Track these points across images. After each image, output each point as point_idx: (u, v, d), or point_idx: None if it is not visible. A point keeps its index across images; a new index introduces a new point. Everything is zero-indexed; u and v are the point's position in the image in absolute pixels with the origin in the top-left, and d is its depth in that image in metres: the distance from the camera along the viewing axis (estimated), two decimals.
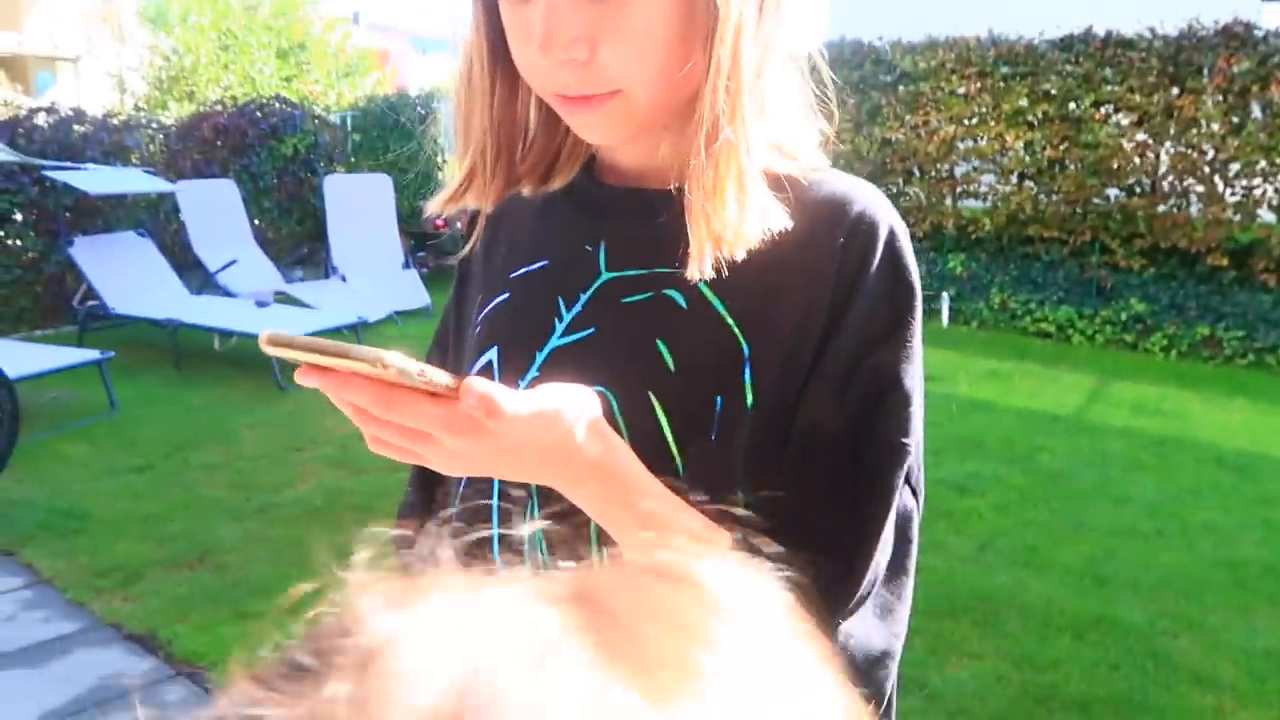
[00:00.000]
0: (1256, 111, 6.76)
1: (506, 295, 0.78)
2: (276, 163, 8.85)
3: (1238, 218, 6.88)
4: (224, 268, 7.10)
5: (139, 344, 6.41)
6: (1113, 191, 7.38)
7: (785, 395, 0.68)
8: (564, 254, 0.76)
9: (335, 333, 6.11)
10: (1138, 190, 7.32)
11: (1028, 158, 7.61)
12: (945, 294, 7.60)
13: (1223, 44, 6.80)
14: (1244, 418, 5.33)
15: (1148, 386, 5.90)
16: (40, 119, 7.96)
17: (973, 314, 7.51)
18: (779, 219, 0.67)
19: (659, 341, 0.69)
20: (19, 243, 7.19)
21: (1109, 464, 4.56)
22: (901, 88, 8.19)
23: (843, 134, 6.86)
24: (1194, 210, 7.09)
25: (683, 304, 0.69)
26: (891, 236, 0.71)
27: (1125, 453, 4.71)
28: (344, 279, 7.67)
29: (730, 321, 0.68)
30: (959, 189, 8.12)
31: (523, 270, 0.78)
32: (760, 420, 0.68)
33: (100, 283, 6.38)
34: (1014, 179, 7.80)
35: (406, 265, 8.09)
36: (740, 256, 0.65)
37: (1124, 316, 6.89)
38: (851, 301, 0.68)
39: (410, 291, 7.75)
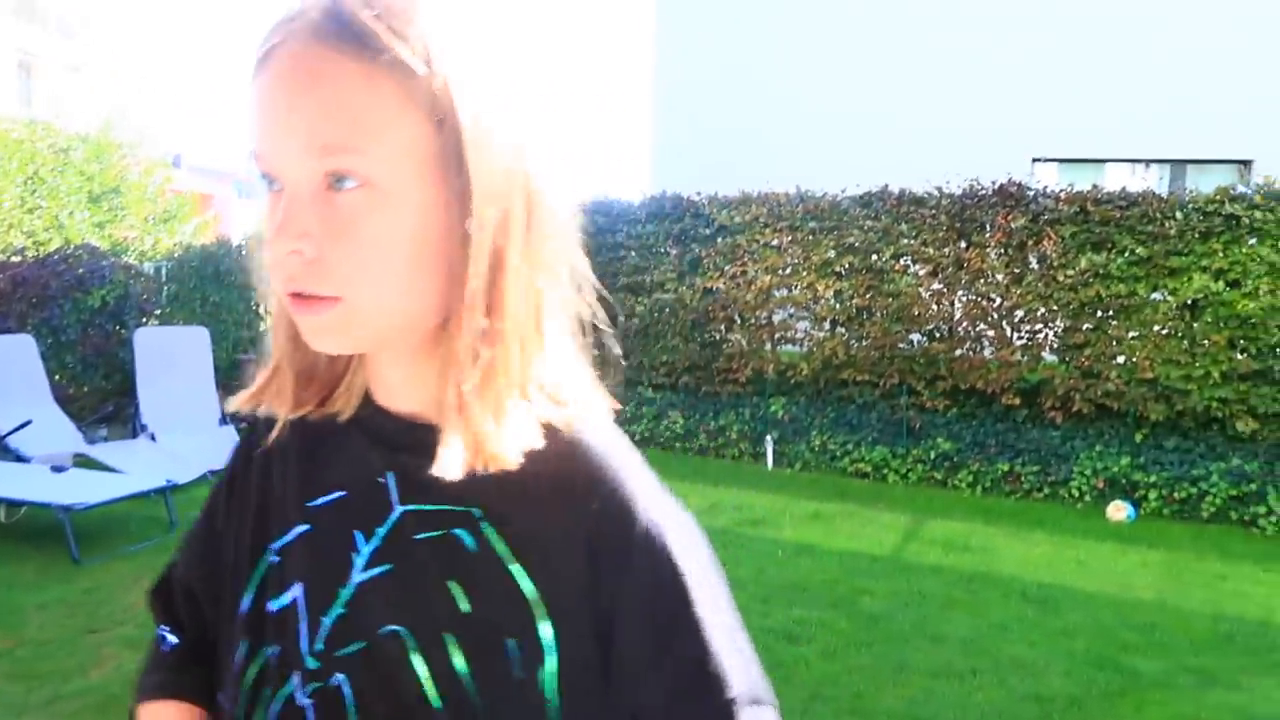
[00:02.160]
0: (1034, 263, 7.47)
1: (306, 528, 0.76)
2: (82, 315, 8.42)
3: (1025, 360, 7.49)
4: (15, 430, 6.59)
5: None
6: (915, 336, 7.92)
7: (585, 651, 0.68)
8: (359, 485, 0.75)
9: (142, 497, 5.74)
10: (937, 335, 7.88)
11: (838, 305, 8.10)
12: (769, 437, 7.86)
13: (1000, 202, 7.54)
14: (1044, 550, 5.68)
15: (957, 523, 6.23)
16: None
17: (795, 456, 7.79)
18: (536, 443, 0.68)
19: (450, 582, 0.69)
20: None
21: (925, 603, 4.75)
22: (720, 240, 8.63)
23: (667, 284, 7.16)
24: (987, 353, 7.69)
25: (470, 545, 0.69)
26: (649, 541, 0.68)
27: (940, 591, 4.92)
28: (154, 438, 7.25)
29: (512, 568, 0.68)
30: (777, 335, 8.52)
31: (320, 501, 0.76)
32: (565, 667, 0.67)
33: None
34: (826, 325, 8.27)
35: (223, 421, 7.74)
36: (494, 468, 0.66)
37: (933, 455, 7.30)
38: (618, 602, 0.68)
39: (226, 449, 7.32)
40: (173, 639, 0.87)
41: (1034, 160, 10.98)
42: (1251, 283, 6.65)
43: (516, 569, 0.68)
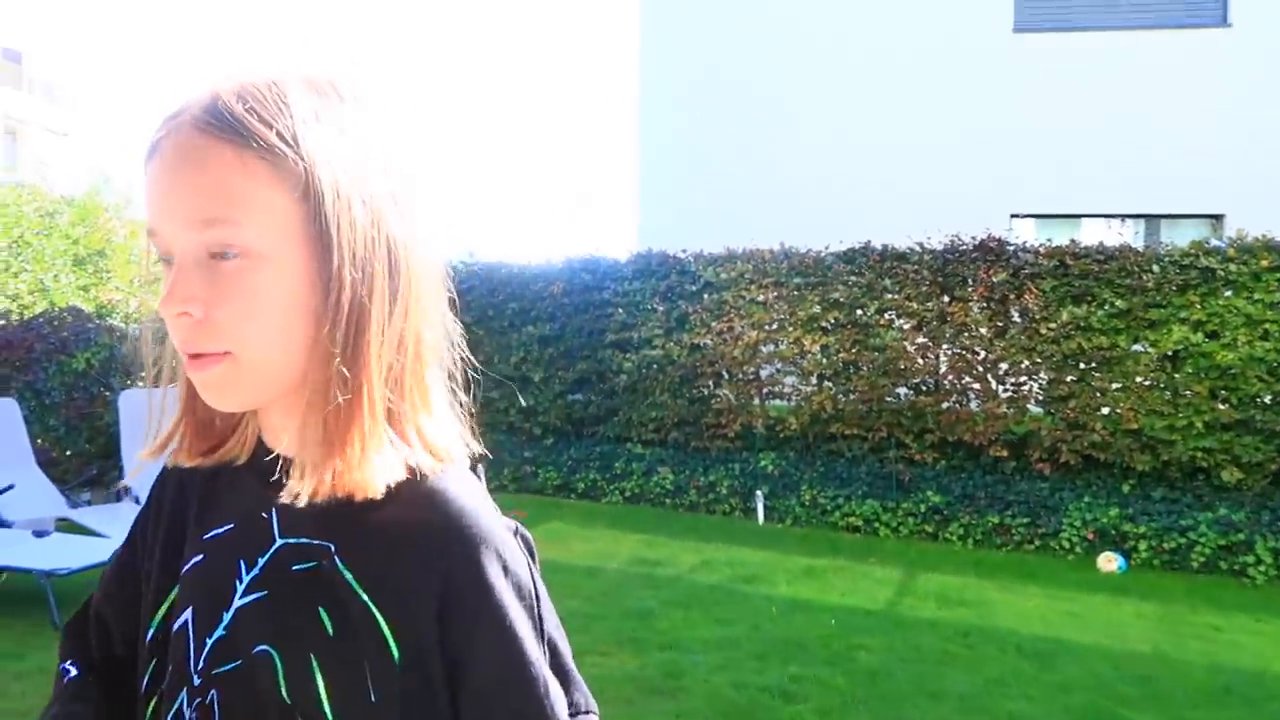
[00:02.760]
0: (1016, 316, 7.56)
1: (201, 557, 0.84)
2: (66, 378, 8.36)
3: (1011, 412, 7.54)
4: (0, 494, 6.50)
5: None
6: (902, 390, 7.97)
7: (429, 683, 0.75)
8: (245, 519, 0.83)
9: None
10: (924, 388, 7.93)
11: (824, 360, 8.15)
12: (759, 492, 7.85)
13: (981, 257, 7.64)
14: (1037, 604, 5.66)
15: (950, 576, 6.21)
16: None
17: (786, 511, 7.77)
18: (395, 480, 0.75)
19: (320, 609, 0.76)
20: None
21: (922, 658, 4.71)
22: (706, 296, 8.70)
23: (654, 340, 7.18)
24: (974, 406, 7.73)
25: (332, 576, 0.77)
26: (488, 582, 0.76)
27: (936, 645, 4.89)
28: (137, 501, 7.16)
29: (365, 599, 0.75)
30: (765, 390, 8.55)
31: (214, 533, 0.85)
32: (408, 684, 0.75)
33: None
34: (814, 380, 8.31)
35: None
36: (351, 496, 0.73)
37: (923, 508, 7.30)
38: (464, 658, 0.75)
39: None
40: (73, 670, 0.92)
41: (1012, 216, 11.17)
42: (1230, 334, 6.75)
43: (367, 600, 0.75)
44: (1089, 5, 11.55)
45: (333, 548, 0.77)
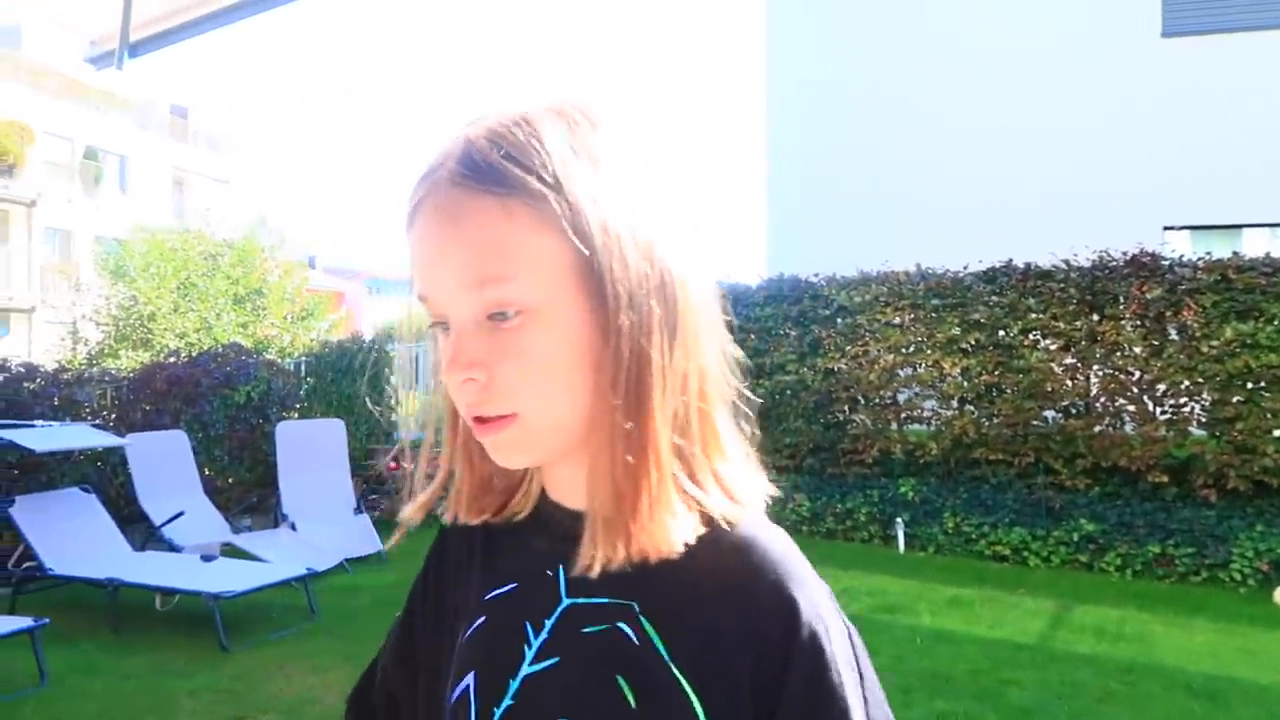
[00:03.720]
0: (1173, 334, 7.15)
1: (483, 619, 0.80)
2: (229, 410, 8.88)
3: (1171, 435, 7.12)
4: (169, 521, 6.95)
5: (77, 606, 6.15)
6: (1050, 413, 7.64)
7: None
8: (529, 578, 0.79)
9: (284, 585, 5.93)
10: (1074, 411, 7.58)
11: (965, 383, 7.90)
12: (899, 519, 7.64)
13: (1133, 273, 7.28)
14: (1206, 639, 5.30)
15: (1108, 609, 5.88)
16: None
17: (928, 539, 7.53)
18: (693, 537, 0.70)
19: (619, 677, 0.70)
20: None
21: (1079, 695, 4.47)
22: (840, 320, 8.57)
23: (788, 365, 7.14)
24: (1129, 429, 7.34)
25: (634, 640, 0.71)
26: (814, 643, 0.69)
27: (1094, 682, 4.63)
28: (294, 527, 7.52)
29: (674, 668, 0.69)
30: (903, 414, 8.34)
31: (495, 593, 0.80)
32: None
33: (39, 543, 6.18)
34: (954, 404, 8.06)
35: (358, 510, 7.98)
36: (650, 558, 0.68)
37: (1076, 537, 6.95)
38: (777, 709, 0.68)
39: (362, 538, 7.61)
40: None
41: (1165, 228, 10.61)
42: None
43: (676, 671, 0.69)
44: (1238, 5, 10.93)
45: (636, 606, 0.71)
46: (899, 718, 0.74)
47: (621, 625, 0.72)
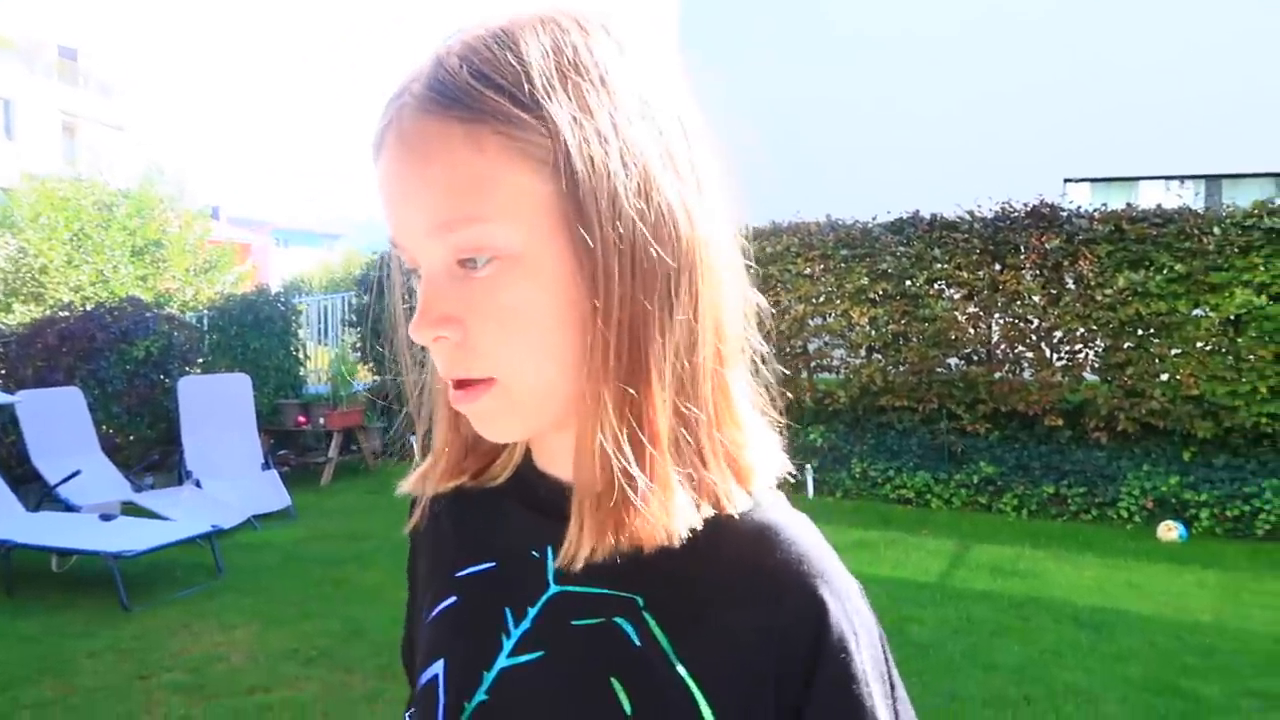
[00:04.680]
0: (1070, 283, 7.40)
1: (454, 599, 0.72)
2: (127, 366, 8.57)
3: (1066, 380, 7.40)
4: (65, 480, 6.71)
5: None
6: (953, 361, 7.86)
7: None
8: (511, 556, 0.69)
9: (189, 543, 5.80)
10: (975, 359, 7.81)
11: (873, 332, 8.06)
12: (808, 466, 7.81)
13: (1034, 224, 7.49)
14: (1094, 574, 5.58)
15: (1004, 547, 6.14)
16: None
17: (836, 484, 7.72)
18: (699, 522, 0.60)
19: (613, 679, 0.62)
20: None
21: (975, 630, 4.67)
22: (751, 270, 8.61)
23: None
24: (1027, 375, 7.60)
25: (634, 639, 0.62)
26: (843, 649, 0.61)
27: (989, 617, 4.84)
28: (198, 484, 7.34)
29: (681, 671, 0.61)
30: (813, 363, 8.49)
31: (469, 570, 0.71)
32: None
33: None
34: (863, 352, 8.23)
35: (266, 466, 7.82)
36: (634, 545, 0.59)
37: (976, 479, 7.21)
38: (803, 706, 0.61)
39: (270, 493, 7.47)
40: None
41: (1066, 180, 10.91)
42: None
43: (683, 672, 0.61)
44: None
45: (640, 601, 0.63)
46: None
47: (619, 620, 0.63)
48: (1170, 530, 6.35)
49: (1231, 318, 6.79)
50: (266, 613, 5.14)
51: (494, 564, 0.71)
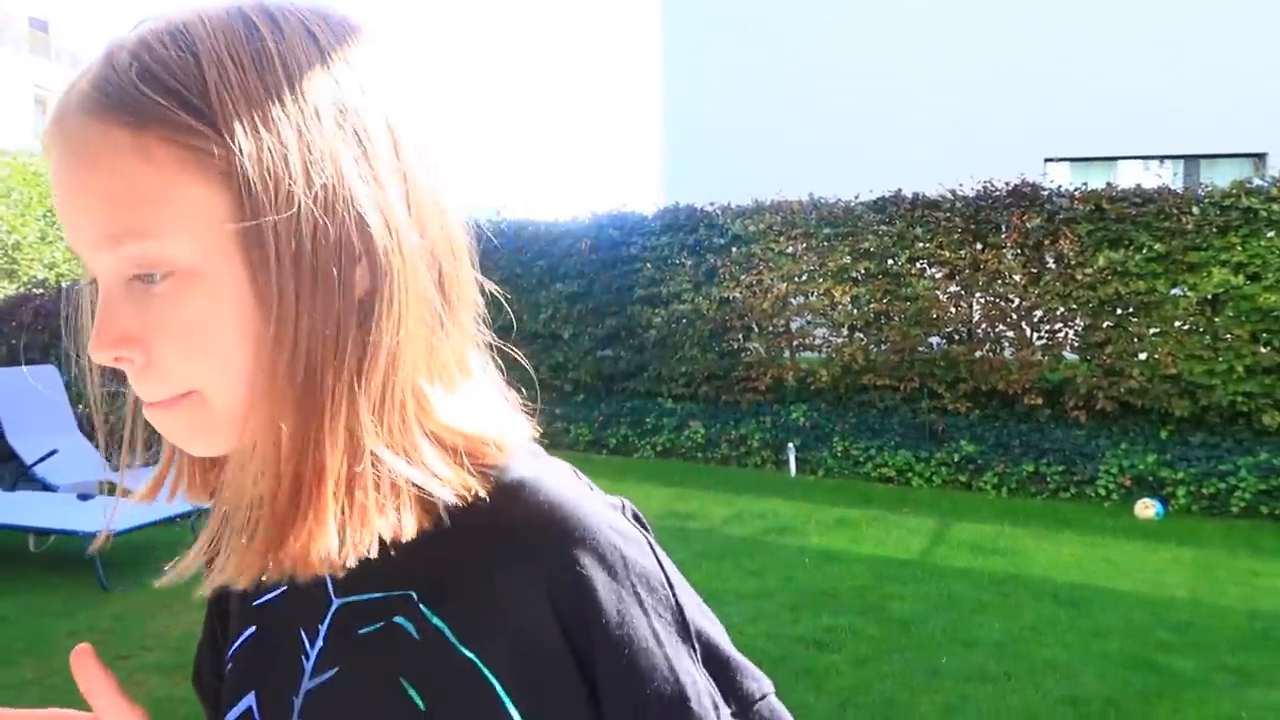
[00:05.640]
0: (1050, 262, 7.44)
1: (252, 630, 0.71)
2: None
3: (1046, 359, 7.45)
4: (42, 459, 6.65)
5: None
6: (935, 340, 7.90)
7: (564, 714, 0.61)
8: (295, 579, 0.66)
9: (168, 522, 5.76)
10: (956, 338, 7.85)
11: (855, 311, 8.08)
12: (791, 445, 7.84)
13: (1015, 203, 7.51)
14: (1072, 551, 5.63)
15: (984, 525, 6.19)
16: None
17: (818, 463, 7.76)
18: (406, 526, 0.58)
19: (403, 679, 0.61)
20: None
21: (956, 607, 4.71)
22: (735, 249, 8.64)
23: (683, 295, 7.15)
24: (1007, 354, 7.65)
25: (414, 634, 0.62)
26: (605, 566, 0.60)
27: (969, 594, 4.88)
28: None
29: (465, 652, 0.60)
30: (795, 342, 8.51)
31: (264, 598, 0.70)
32: None
33: None
34: (845, 331, 8.25)
35: None
36: (291, 570, 0.56)
37: (956, 458, 7.26)
38: (594, 646, 0.60)
39: None
40: None
41: (1046, 160, 10.95)
42: (1272, 276, 6.60)
43: (468, 652, 0.60)
44: None
45: (414, 595, 0.62)
46: (789, 634, 0.70)
47: (399, 620, 0.62)
48: (1147, 508, 6.42)
49: (1209, 297, 6.85)
50: None
51: (283, 589, 0.68)
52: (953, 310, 7.77)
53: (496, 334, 0.69)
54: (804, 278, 8.33)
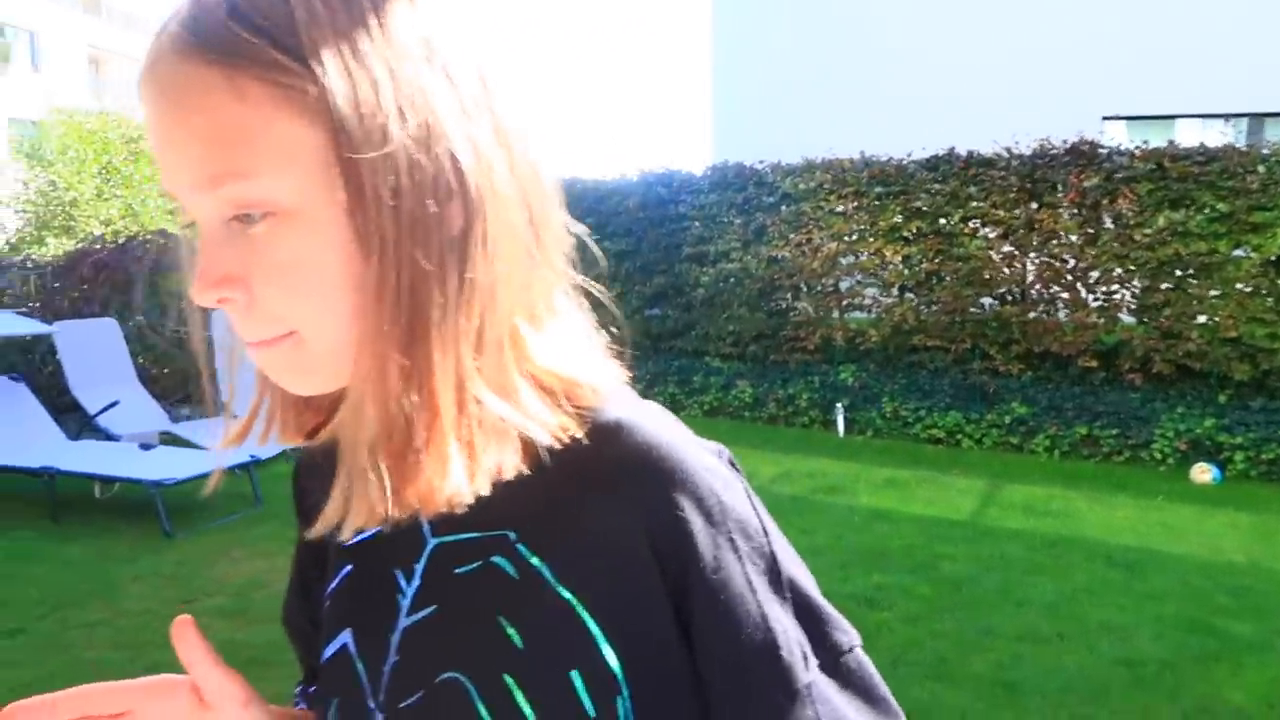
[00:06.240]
0: (1108, 222, 7.28)
1: (349, 569, 0.71)
2: (160, 298, 8.64)
3: (1102, 321, 7.32)
4: (105, 409, 6.82)
5: (12, 495, 6.07)
6: (987, 300, 7.79)
7: (662, 670, 0.62)
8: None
9: (227, 472, 5.90)
10: (1010, 298, 7.74)
11: (906, 271, 7.99)
12: (839, 404, 7.80)
13: (1072, 162, 7.35)
14: (1127, 514, 5.57)
15: (1036, 487, 6.13)
16: None
17: (867, 423, 7.72)
18: (478, 489, 0.58)
19: (500, 617, 0.62)
20: None
21: (1008, 568, 4.69)
22: (784, 208, 8.56)
23: (732, 253, 7.12)
24: (1062, 315, 7.53)
25: (512, 573, 0.62)
26: (703, 510, 0.61)
27: (1022, 555, 4.86)
28: (236, 415, 7.43)
29: (561, 592, 0.61)
30: (845, 302, 8.44)
31: (359, 537, 0.69)
32: (642, 693, 0.61)
33: None
34: (895, 291, 8.17)
35: None
36: (410, 509, 0.57)
37: (1008, 419, 7.18)
38: (689, 586, 0.61)
39: None
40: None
41: (1104, 118, 10.69)
42: None
43: (566, 593, 0.61)
44: None
45: (511, 535, 0.63)
46: (838, 591, 0.71)
47: (496, 559, 0.63)
48: (1204, 473, 6.32)
49: (1273, 258, 6.67)
50: None
51: (378, 528, 0.67)
52: (1006, 271, 7.65)
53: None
54: (854, 237, 8.24)
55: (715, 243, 8.80)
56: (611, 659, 0.60)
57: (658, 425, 0.62)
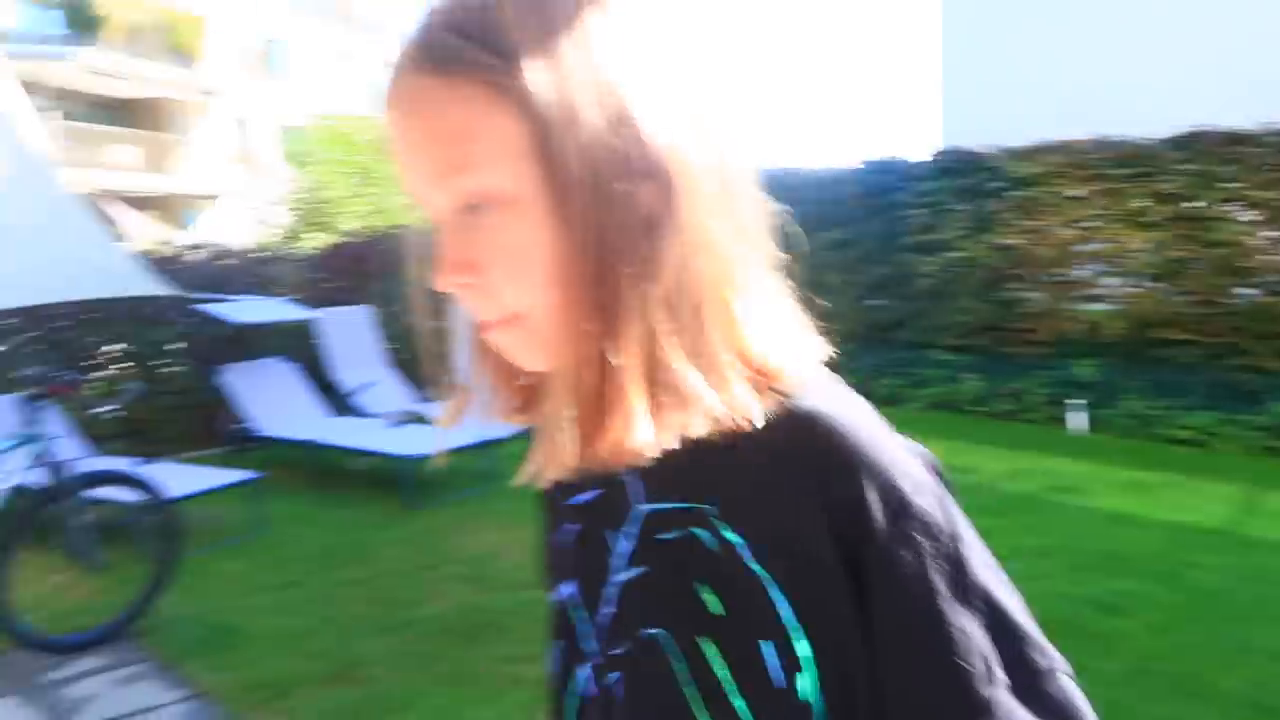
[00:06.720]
0: None
1: (579, 527, 0.78)
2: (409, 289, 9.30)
3: None
4: (362, 389, 7.44)
5: (282, 464, 6.74)
6: (1245, 290, 7.15)
7: (848, 656, 0.63)
8: (606, 482, 0.76)
9: (464, 451, 6.31)
10: (1273, 288, 7.07)
11: (1150, 258, 7.46)
12: (1076, 401, 7.40)
13: None
14: None
15: None
16: (190, 255, 8.62)
17: (1105, 421, 7.28)
18: (700, 429, 0.63)
19: (698, 584, 0.67)
20: (174, 370, 7.72)
21: (1268, 581, 4.32)
22: (1013, 193, 8.18)
23: (957, 242, 6.89)
24: None
25: (712, 545, 0.67)
26: (890, 511, 0.62)
27: None
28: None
29: (756, 569, 0.65)
30: (1079, 292, 7.98)
31: (580, 498, 0.78)
32: (827, 680, 0.64)
33: (248, 407, 6.78)
34: (1137, 280, 7.64)
35: None
36: (618, 462, 0.62)
37: (1270, 421, 6.58)
38: (868, 587, 0.62)
39: None
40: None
41: None
42: None
43: (758, 568, 0.65)
44: None
45: (710, 509, 0.67)
46: (1069, 594, 0.69)
47: (696, 530, 0.68)
48: None
49: None
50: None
51: (598, 491, 0.76)
52: (1269, 257, 6.99)
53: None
54: (1091, 223, 7.77)
55: (939, 231, 8.53)
56: (798, 635, 0.64)
57: (855, 419, 0.65)
